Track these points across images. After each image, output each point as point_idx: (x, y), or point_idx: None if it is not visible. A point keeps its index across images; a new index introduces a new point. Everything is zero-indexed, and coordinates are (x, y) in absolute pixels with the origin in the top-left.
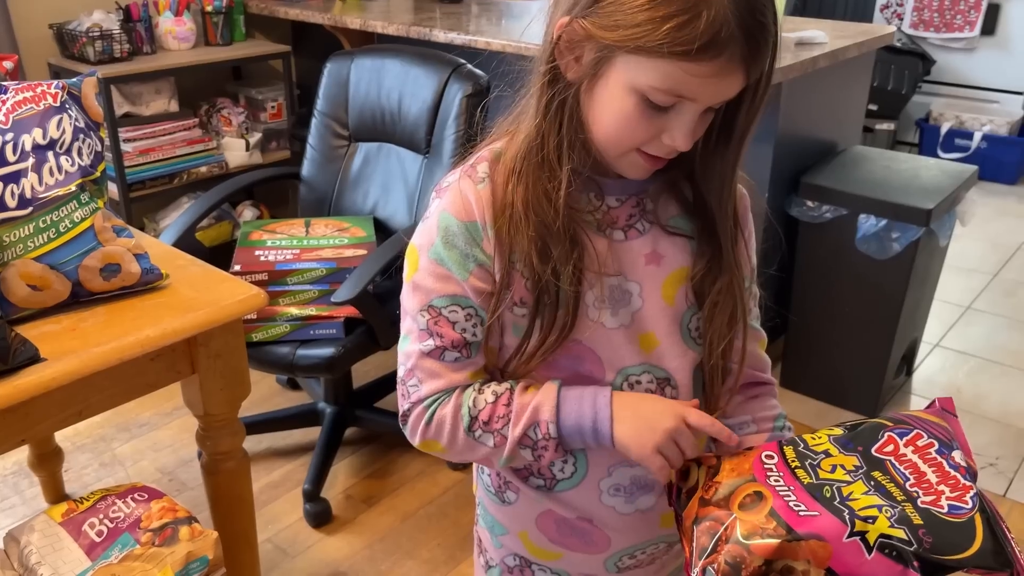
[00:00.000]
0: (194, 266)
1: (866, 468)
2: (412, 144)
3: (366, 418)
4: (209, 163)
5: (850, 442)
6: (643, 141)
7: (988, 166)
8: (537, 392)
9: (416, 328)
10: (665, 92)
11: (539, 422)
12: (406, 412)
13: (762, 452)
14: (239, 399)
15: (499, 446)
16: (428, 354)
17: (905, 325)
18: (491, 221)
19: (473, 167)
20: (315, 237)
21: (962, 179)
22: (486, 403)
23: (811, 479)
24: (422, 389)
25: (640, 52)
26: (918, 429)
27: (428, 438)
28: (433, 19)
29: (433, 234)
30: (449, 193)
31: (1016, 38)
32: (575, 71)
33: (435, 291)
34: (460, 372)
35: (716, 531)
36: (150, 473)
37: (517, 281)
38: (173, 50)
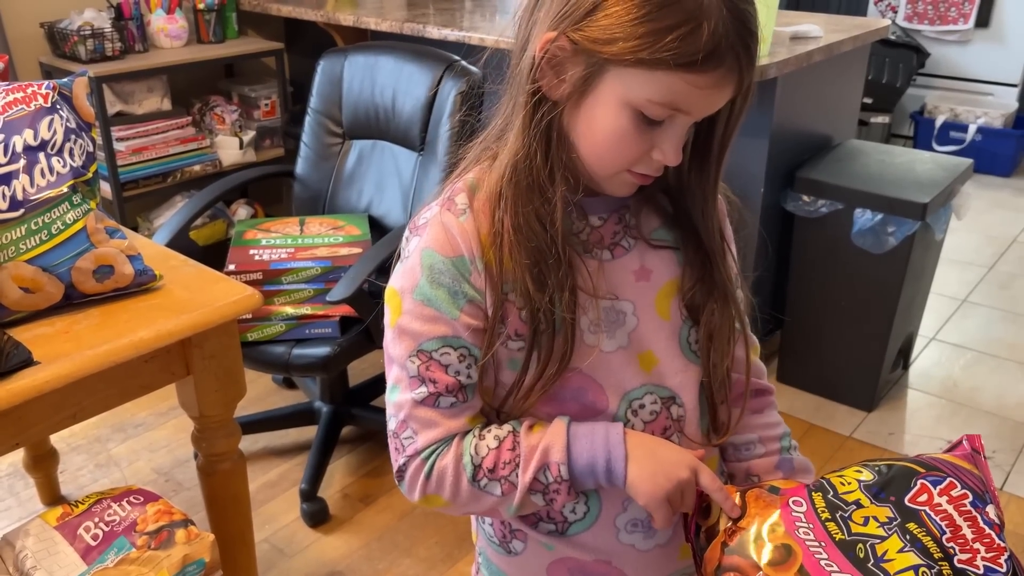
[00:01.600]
0: (188, 267)
1: (900, 520)
2: (406, 141)
3: (362, 416)
4: (203, 162)
5: (882, 491)
6: (635, 159)
7: (983, 159)
8: (544, 432)
9: (406, 376)
10: (662, 105)
11: (549, 464)
12: (402, 467)
13: (790, 498)
14: (234, 400)
15: (507, 494)
16: (421, 402)
17: (901, 319)
18: (479, 254)
19: (451, 199)
20: (310, 236)
21: (957, 172)
22: (489, 449)
23: (843, 535)
24: (418, 441)
25: (640, 65)
26: (951, 478)
27: (429, 493)
28: (426, 15)
29: (416, 274)
30: (430, 229)
31: (1010, 30)
32: (559, 90)
33: (424, 334)
34: (457, 418)
35: None
36: (146, 474)
37: (512, 313)
38: (165, 48)
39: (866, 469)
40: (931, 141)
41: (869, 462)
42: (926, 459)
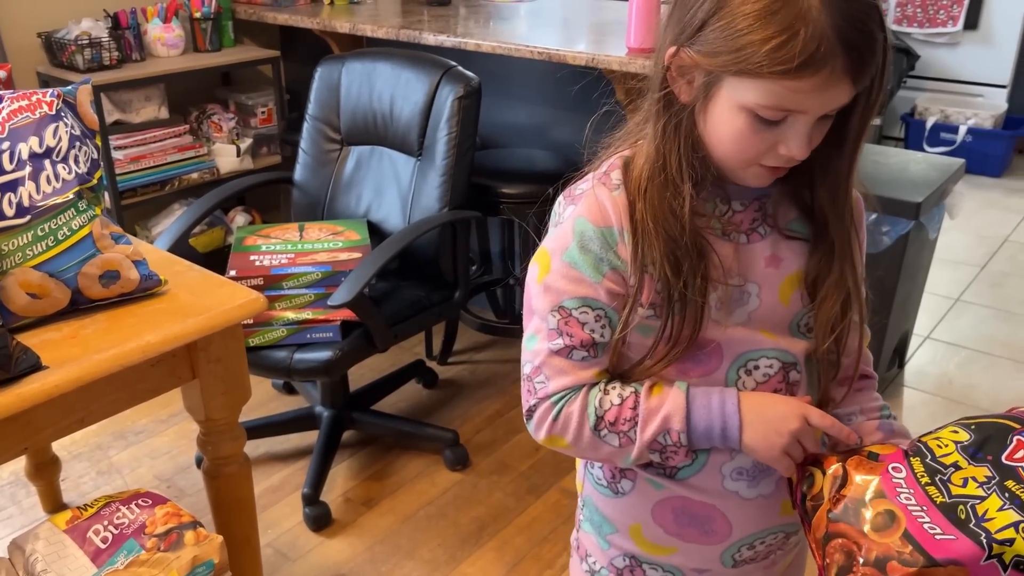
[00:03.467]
0: (192, 271)
1: (999, 479)
2: (404, 147)
3: (364, 421)
4: (200, 169)
5: (979, 451)
6: (760, 155)
7: (974, 159)
8: (664, 397)
9: (545, 327)
10: (772, 108)
11: (670, 430)
12: (532, 407)
13: (889, 464)
14: (239, 403)
15: (624, 447)
16: (557, 352)
17: (896, 318)
18: (627, 227)
19: (607, 174)
20: (309, 241)
21: (950, 172)
22: (611, 404)
23: (944, 497)
24: (549, 386)
25: (743, 75)
26: None
27: (554, 433)
28: (422, 22)
29: (568, 238)
30: (585, 199)
31: (999, 32)
32: (688, 93)
33: (567, 292)
34: (587, 370)
35: (850, 550)
36: (148, 480)
37: (648, 284)
38: (162, 57)
39: (962, 429)
40: (922, 142)
41: (964, 421)
42: (1018, 414)
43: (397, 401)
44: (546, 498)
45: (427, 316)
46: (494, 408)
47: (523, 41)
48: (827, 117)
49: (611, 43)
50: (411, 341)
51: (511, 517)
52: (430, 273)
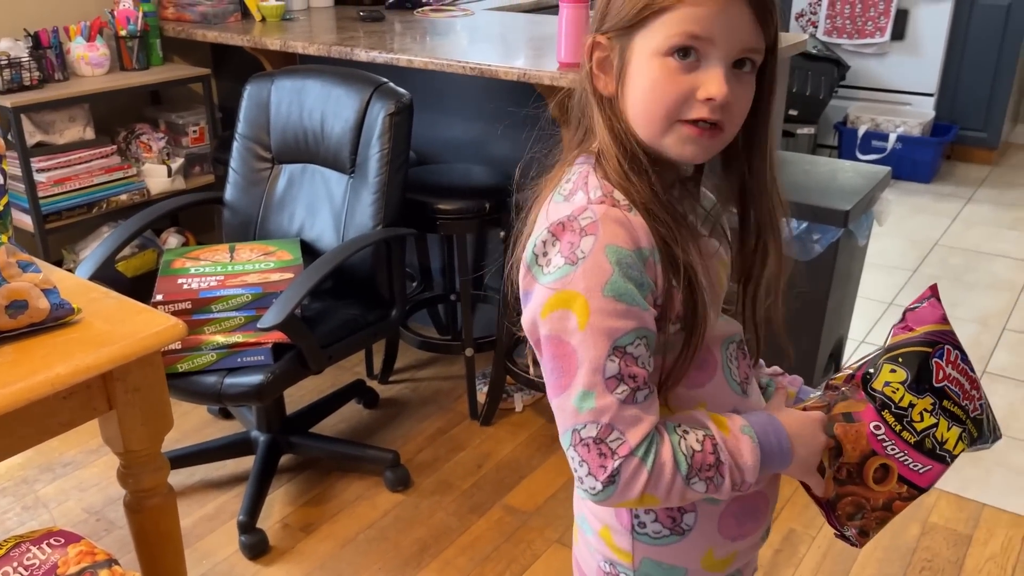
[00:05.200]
0: (108, 299)
1: (938, 402)
2: (336, 164)
3: (301, 444)
4: (130, 191)
5: (918, 384)
6: (678, 102)
7: (904, 166)
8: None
9: (601, 379)
10: (681, 35)
11: (745, 481)
12: (615, 471)
13: (870, 423)
14: (161, 433)
15: (709, 492)
16: (624, 401)
17: (831, 324)
18: (655, 243)
19: (607, 196)
20: (240, 262)
21: (876, 180)
22: (694, 450)
23: (914, 436)
24: (629, 439)
25: (651, 17)
26: (947, 345)
27: (647, 491)
28: (356, 38)
29: (606, 270)
30: (604, 225)
31: (924, 42)
32: (610, 83)
33: (619, 330)
34: (653, 410)
35: (860, 503)
36: (76, 514)
37: (675, 297)
38: (86, 76)
39: (896, 367)
40: (855, 150)
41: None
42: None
43: (337, 422)
44: (488, 516)
45: (363, 336)
46: (436, 426)
47: (458, 57)
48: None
49: (548, 58)
50: (351, 360)
51: (453, 537)
52: (366, 292)
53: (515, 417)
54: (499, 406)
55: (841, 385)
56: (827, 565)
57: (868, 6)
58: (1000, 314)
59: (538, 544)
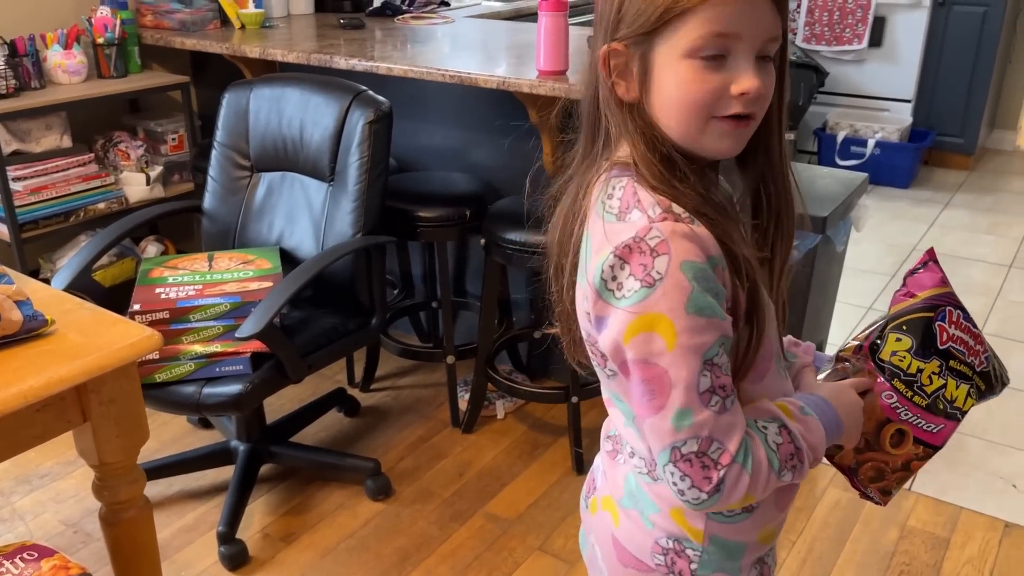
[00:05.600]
0: (83, 310)
1: (945, 363)
2: (316, 172)
3: (282, 453)
4: (107, 199)
5: (923, 349)
6: (714, 103)
7: (882, 172)
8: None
9: (695, 394)
10: (709, 36)
11: (816, 459)
12: (720, 480)
13: (882, 393)
14: (137, 445)
15: (794, 479)
16: (719, 413)
17: (810, 329)
18: (721, 251)
19: (668, 212)
20: (219, 271)
21: (854, 186)
22: (778, 443)
23: (925, 399)
24: (729, 447)
25: (674, 20)
26: (948, 307)
27: (749, 491)
28: (336, 46)
29: (685, 288)
30: (675, 243)
31: (902, 49)
32: (632, 89)
33: (706, 343)
34: (740, 410)
35: (880, 467)
36: (53, 526)
37: (741, 299)
38: (64, 84)
39: (901, 335)
40: (834, 156)
41: (895, 324)
42: (927, 301)
43: (317, 431)
44: (470, 524)
45: (343, 344)
46: (417, 434)
47: (438, 64)
48: (765, 59)
49: (528, 66)
50: (332, 369)
51: (434, 546)
52: (346, 300)
53: (497, 424)
54: (481, 413)
55: (850, 357)
56: (807, 570)
57: (846, 13)
58: (977, 318)
59: (520, 552)
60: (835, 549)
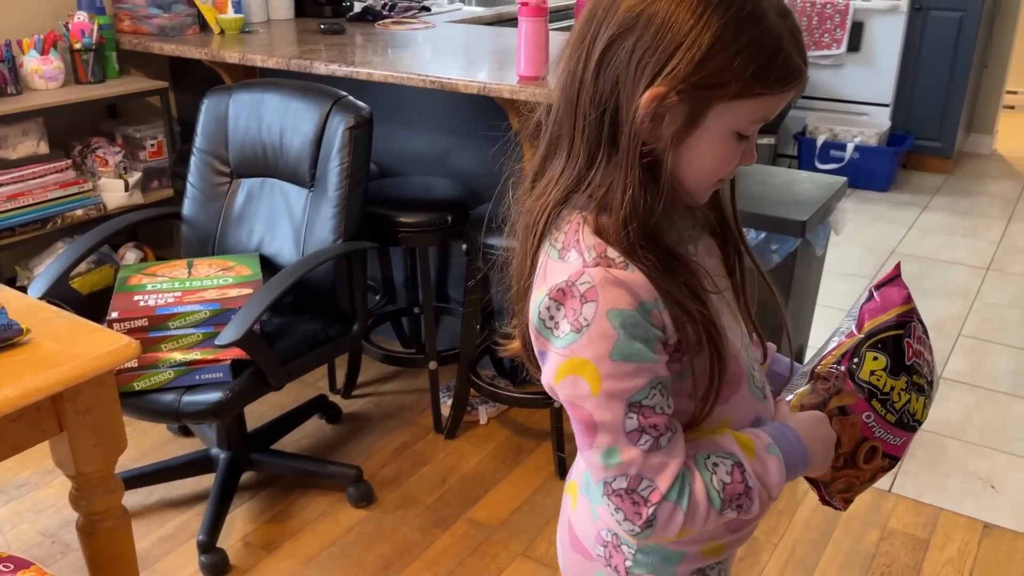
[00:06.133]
0: (59, 318)
1: (910, 378)
2: (296, 178)
3: (263, 461)
4: (85, 205)
5: (894, 367)
6: (731, 172)
7: (861, 175)
8: (765, 463)
9: (622, 435)
10: (758, 121)
11: (771, 497)
12: (650, 517)
13: (862, 414)
14: (114, 455)
15: (740, 516)
16: (649, 451)
17: (791, 332)
18: (657, 295)
19: (603, 256)
20: (198, 278)
21: (833, 190)
22: (724, 483)
23: (895, 416)
24: (659, 485)
25: (752, 96)
26: (913, 323)
27: (685, 527)
28: (317, 51)
29: (610, 336)
30: (604, 290)
31: (879, 54)
32: (658, 135)
33: (633, 388)
34: (678, 449)
35: (852, 481)
36: (31, 537)
37: (689, 335)
38: (40, 90)
39: (878, 354)
40: (814, 160)
41: (871, 343)
42: (898, 319)
43: (299, 438)
44: (453, 530)
45: (324, 351)
46: (400, 440)
47: (419, 70)
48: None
49: (509, 71)
50: (313, 375)
51: (417, 552)
52: (327, 306)
53: (480, 430)
54: (463, 419)
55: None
56: (788, 571)
57: (824, 18)
58: (955, 320)
59: (503, 557)
60: (817, 551)
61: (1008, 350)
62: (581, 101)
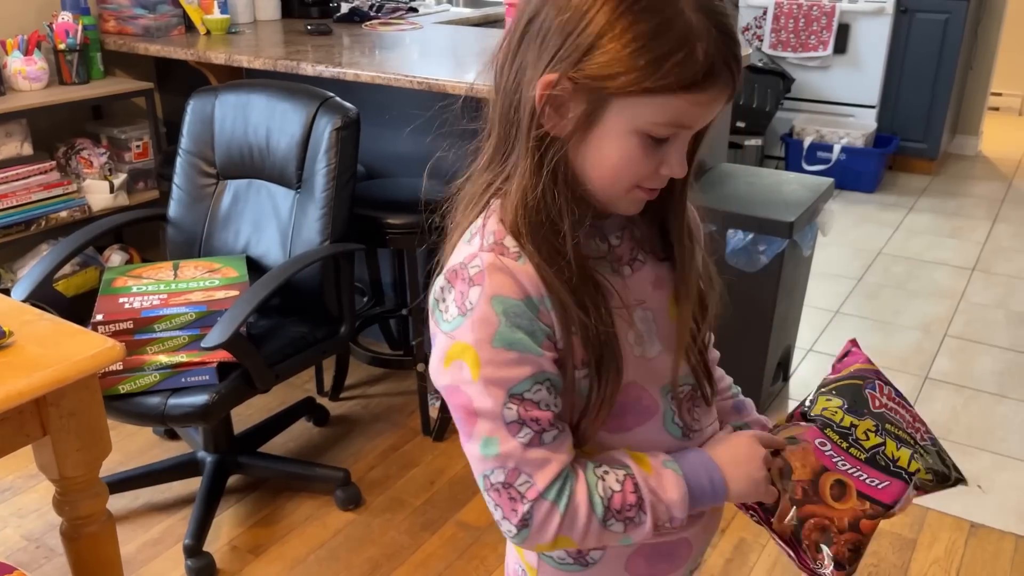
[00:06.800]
0: (43, 321)
1: (880, 424)
2: (283, 179)
3: (250, 464)
4: (70, 207)
5: (854, 408)
6: (645, 177)
7: (848, 177)
8: (661, 479)
9: (502, 425)
10: (667, 125)
11: (673, 517)
12: (526, 515)
13: (815, 440)
14: (98, 459)
15: (628, 532)
16: (528, 445)
17: (778, 333)
18: (545, 292)
19: (499, 244)
20: (184, 280)
21: (820, 191)
22: (613, 491)
23: (864, 454)
24: (537, 482)
25: (645, 93)
26: (877, 380)
27: (562, 534)
28: (303, 52)
29: (492, 322)
30: (490, 276)
31: (866, 55)
32: (562, 127)
33: (513, 378)
34: (562, 447)
35: (825, 525)
36: (15, 542)
37: (576, 344)
38: (24, 91)
39: (833, 396)
40: (801, 161)
41: (824, 391)
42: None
43: (286, 441)
44: (441, 533)
45: (311, 353)
46: (388, 443)
47: (406, 71)
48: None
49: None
50: (301, 378)
51: (406, 555)
52: (314, 308)
53: None
54: (451, 421)
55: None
56: (777, 572)
57: (811, 20)
58: (941, 321)
59: (491, 560)
60: None
61: (993, 350)
62: (500, 89)
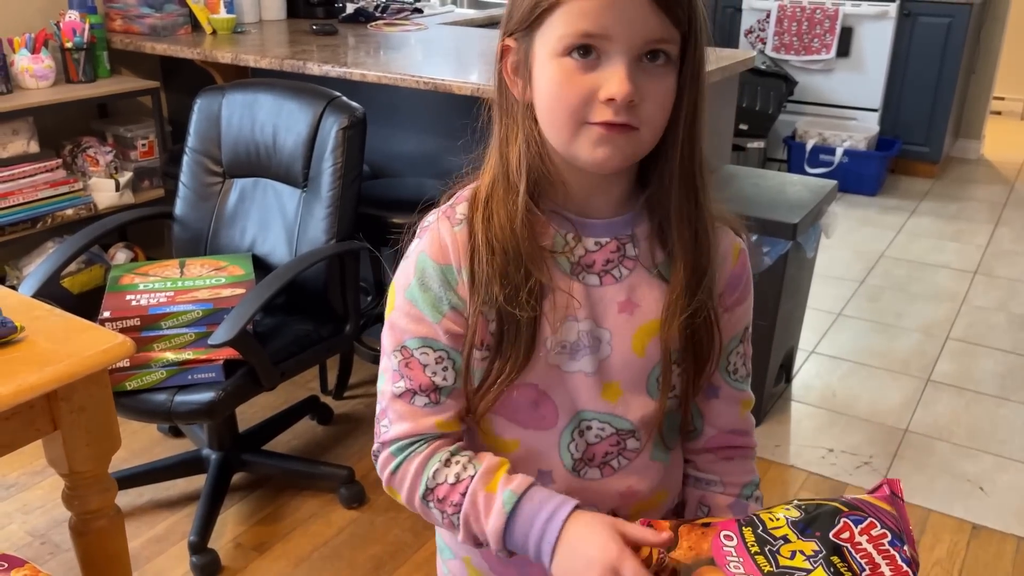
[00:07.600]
0: (53, 316)
1: (825, 552)
2: (289, 178)
3: (254, 462)
4: (75, 205)
5: (808, 527)
6: (580, 105)
7: (850, 179)
8: (491, 502)
9: (390, 368)
10: (575, 35)
11: (489, 541)
12: (375, 452)
13: (721, 531)
14: (108, 453)
15: (446, 526)
16: (399, 396)
17: (781, 335)
18: (466, 265)
19: (452, 207)
20: (190, 278)
21: (823, 193)
22: (445, 480)
23: (771, 567)
24: (391, 431)
25: (543, 17)
26: (872, 518)
27: (391, 486)
28: (309, 52)
29: (410, 274)
30: (428, 234)
31: (869, 59)
32: (521, 87)
33: (408, 332)
34: (428, 418)
35: None
36: (20, 538)
37: (481, 324)
38: (31, 89)
39: (795, 508)
40: (803, 164)
41: (799, 501)
42: (850, 500)
43: (290, 439)
44: None
45: (316, 351)
46: None
47: (412, 71)
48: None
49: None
50: (305, 376)
51: (409, 553)
52: (319, 307)
53: None
54: None
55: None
56: None
57: (814, 23)
58: (943, 323)
59: None
60: None
61: (995, 353)
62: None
